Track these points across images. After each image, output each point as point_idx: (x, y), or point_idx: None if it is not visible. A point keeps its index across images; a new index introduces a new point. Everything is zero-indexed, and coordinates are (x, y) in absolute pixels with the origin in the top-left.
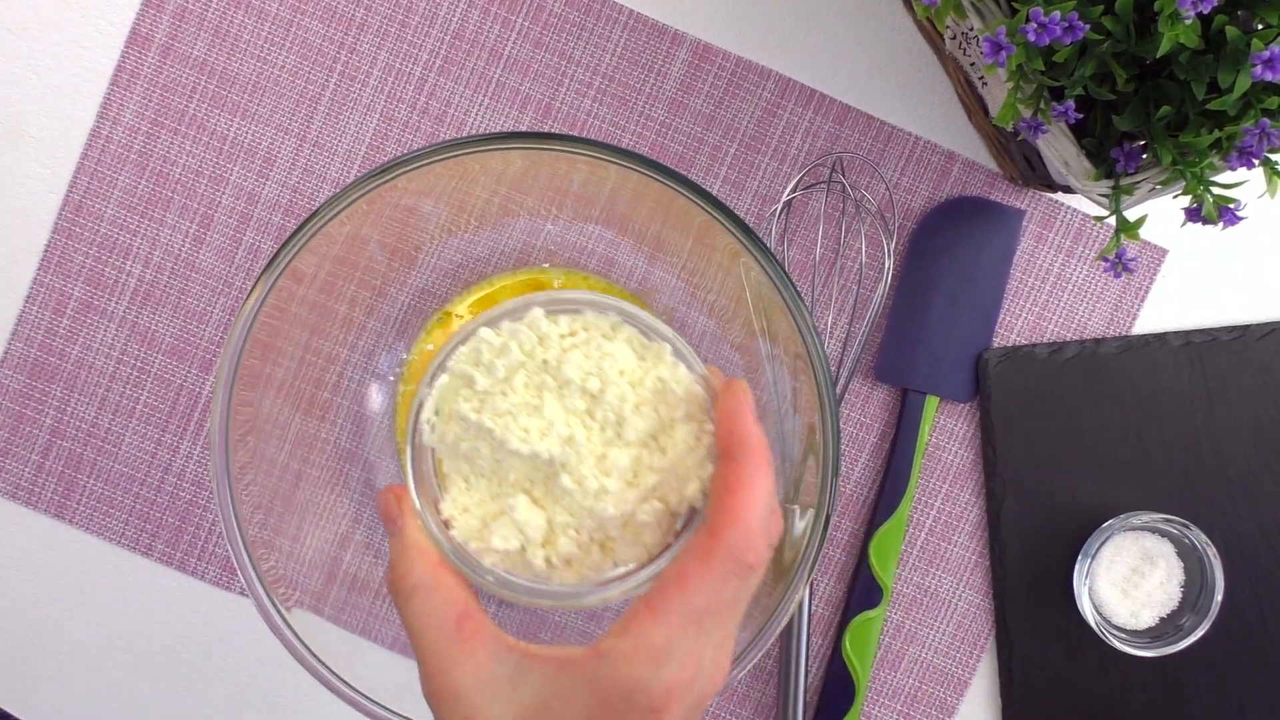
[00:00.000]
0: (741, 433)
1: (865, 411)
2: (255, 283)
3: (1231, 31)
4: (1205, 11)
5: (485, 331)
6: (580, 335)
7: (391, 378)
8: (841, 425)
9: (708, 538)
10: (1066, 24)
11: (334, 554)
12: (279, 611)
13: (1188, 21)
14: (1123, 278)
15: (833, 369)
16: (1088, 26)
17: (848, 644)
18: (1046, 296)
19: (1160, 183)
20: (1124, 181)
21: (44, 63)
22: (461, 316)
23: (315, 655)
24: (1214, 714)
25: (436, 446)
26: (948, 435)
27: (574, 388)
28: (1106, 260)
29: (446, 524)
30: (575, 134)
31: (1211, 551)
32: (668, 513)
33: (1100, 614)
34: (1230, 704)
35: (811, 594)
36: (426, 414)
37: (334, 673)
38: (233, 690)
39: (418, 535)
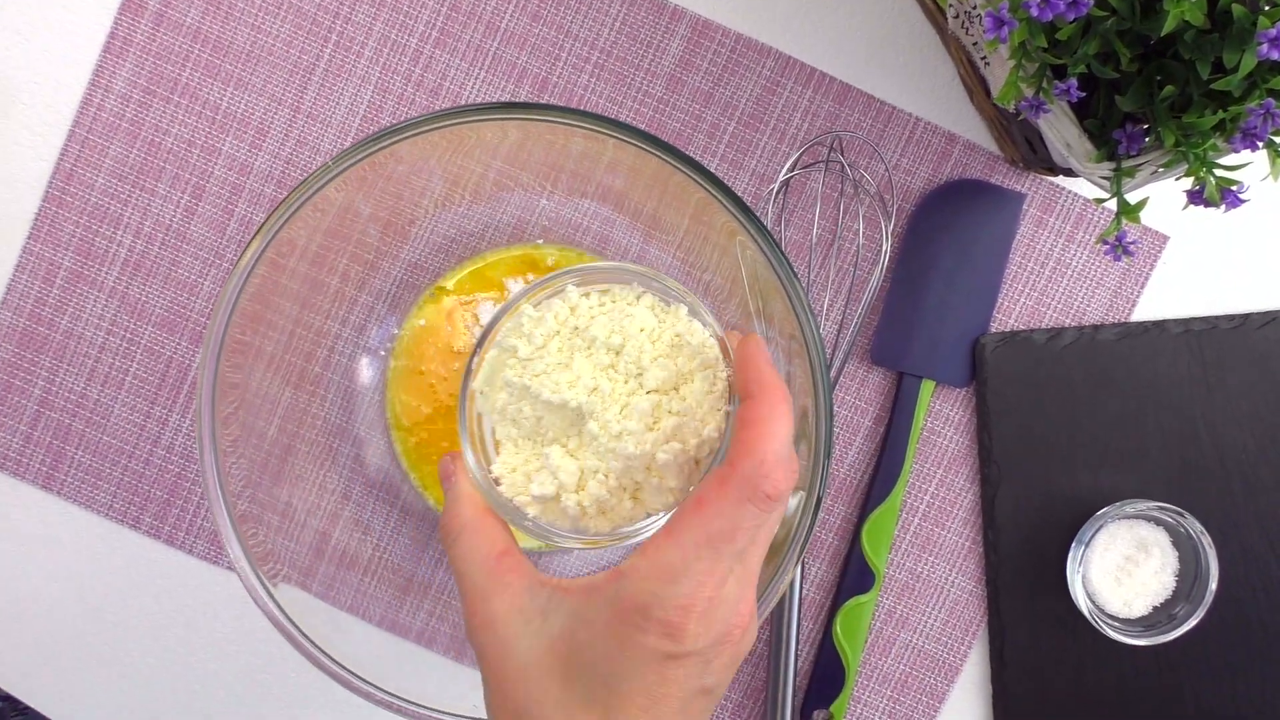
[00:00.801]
0: (759, 373)
1: (860, 395)
2: (245, 249)
3: (1238, 10)
4: None
5: (526, 307)
6: (607, 305)
7: (383, 352)
8: (836, 408)
9: (726, 467)
10: (1070, 0)
11: (323, 530)
12: (265, 587)
13: None
14: (1123, 262)
15: (828, 351)
16: (1092, 3)
17: (838, 628)
18: (1045, 281)
19: (1163, 165)
20: (1126, 163)
21: (35, 29)
22: (451, 292)
23: (301, 631)
24: (1206, 703)
25: (487, 413)
26: (943, 420)
27: (599, 345)
28: (1107, 243)
29: (496, 481)
30: (574, 107)
31: (1206, 540)
32: (687, 455)
33: (1093, 602)
34: (1223, 693)
35: (803, 577)
36: (478, 384)
37: (320, 649)
38: (220, 664)
39: (467, 486)
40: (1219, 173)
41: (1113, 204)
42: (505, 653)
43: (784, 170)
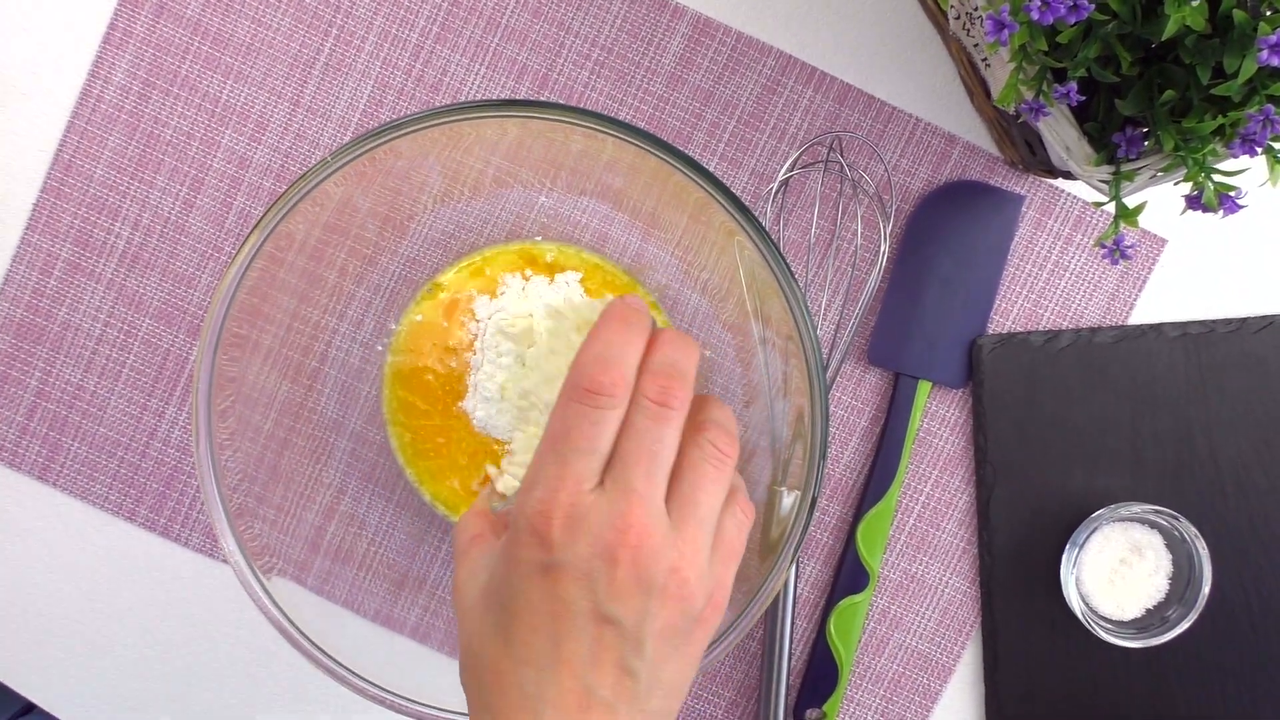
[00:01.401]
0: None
1: (857, 395)
2: (243, 243)
3: (1239, 15)
4: None
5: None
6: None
7: (380, 347)
8: (832, 408)
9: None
10: (1071, 3)
11: (318, 524)
12: (260, 580)
13: (1195, 4)
14: (1120, 265)
15: (825, 351)
16: (1093, 6)
17: (832, 628)
18: (1043, 284)
19: (1162, 169)
20: (1125, 167)
21: (35, 20)
22: (447, 288)
23: (295, 625)
24: (1198, 705)
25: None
26: (939, 421)
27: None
28: (1104, 246)
29: (502, 496)
30: (573, 105)
31: (1200, 544)
32: None
33: (1087, 604)
34: (1214, 696)
35: (797, 577)
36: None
37: (314, 643)
38: (214, 658)
39: (481, 503)
40: (1218, 178)
41: (1111, 207)
42: (461, 609)
43: (783, 170)
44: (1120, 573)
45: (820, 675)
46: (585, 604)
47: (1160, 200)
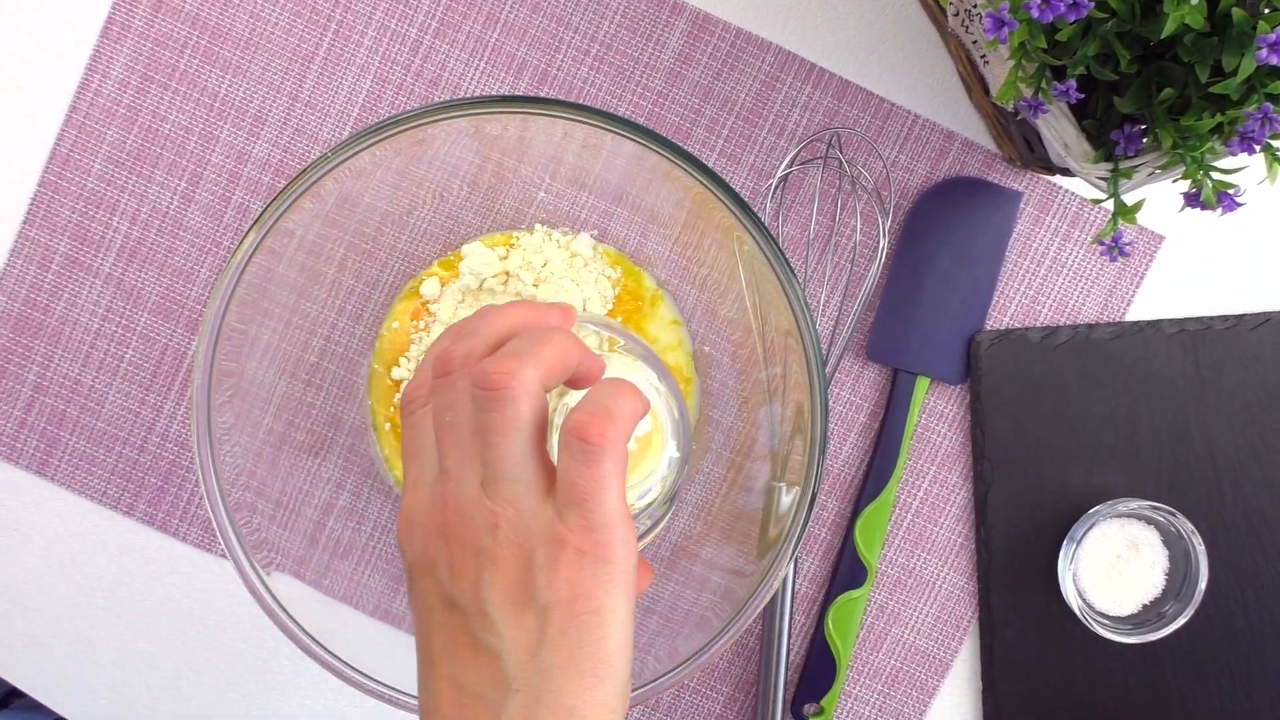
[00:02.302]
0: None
1: (855, 391)
2: (243, 238)
3: (1238, 14)
4: None
5: None
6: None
7: (370, 348)
8: (831, 404)
9: None
10: (1071, 1)
11: (317, 519)
12: (259, 575)
13: (1194, 2)
14: (1118, 262)
15: (824, 347)
16: (1092, 4)
17: (830, 623)
18: (1041, 280)
19: (1160, 166)
20: (1123, 164)
21: (33, 13)
22: (420, 295)
23: (294, 619)
24: (1194, 700)
25: None
26: (937, 417)
27: None
28: (1103, 243)
29: None
30: (573, 100)
31: (1197, 540)
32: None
33: (1084, 599)
34: (1210, 691)
35: (795, 572)
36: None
37: (313, 637)
38: (213, 652)
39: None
40: (1216, 175)
41: (1109, 204)
42: None
43: (782, 166)
44: (1117, 568)
45: (818, 670)
46: (434, 594)
47: (1158, 197)
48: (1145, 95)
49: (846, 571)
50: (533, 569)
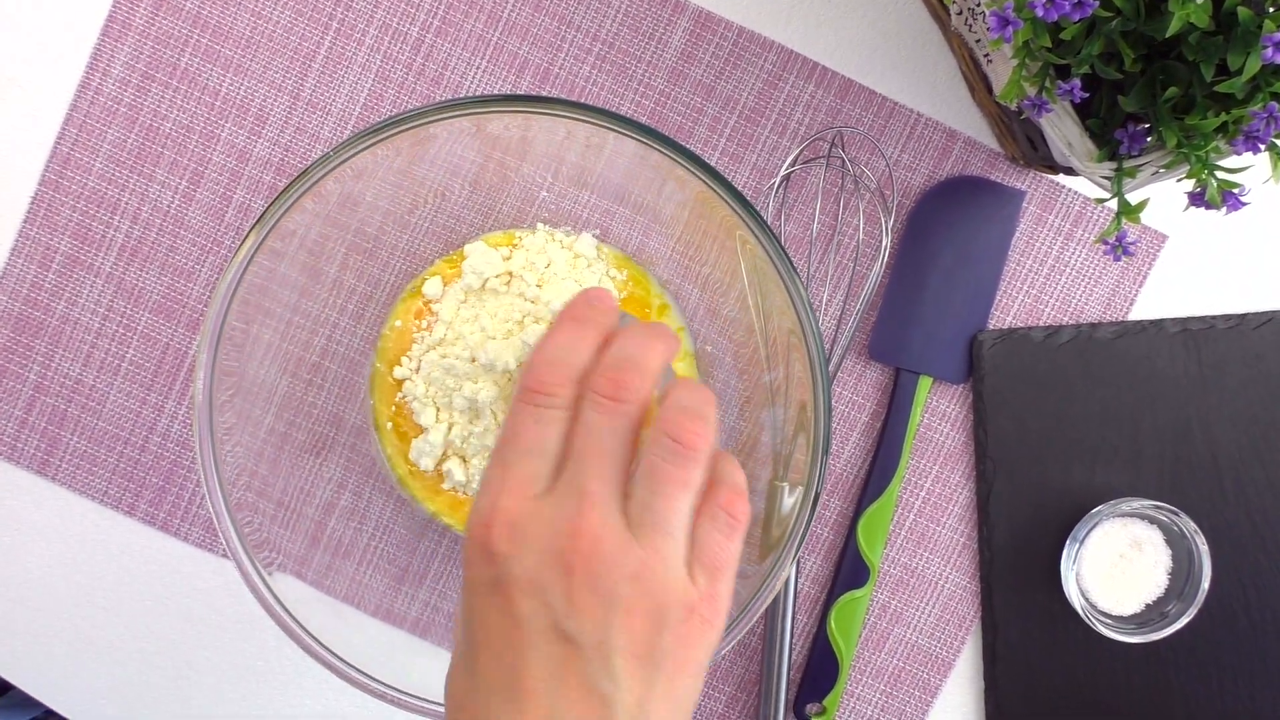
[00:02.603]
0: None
1: (858, 390)
2: (244, 238)
3: (1243, 13)
4: None
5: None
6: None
7: (372, 348)
8: (833, 403)
9: None
10: (1075, 0)
11: (318, 518)
12: (260, 575)
13: (1199, 1)
14: (1121, 262)
15: (826, 346)
16: (1097, 3)
17: (833, 623)
18: (1044, 279)
19: (1164, 166)
20: (1127, 164)
21: (33, 12)
22: (422, 294)
23: (296, 619)
24: (1197, 700)
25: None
26: (940, 416)
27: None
28: (1106, 243)
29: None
30: (575, 99)
31: (1200, 539)
32: None
33: (1086, 599)
34: (1213, 691)
35: (798, 571)
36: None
37: (314, 637)
38: (214, 652)
39: None
40: (1220, 175)
41: (1113, 203)
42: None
43: (785, 165)
44: (1120, 568)
45: (821, 670)
46: (541, 620)
47: (1162, 195)
48: (1150, 94)
49: (849, 571)
50: (662, 627)
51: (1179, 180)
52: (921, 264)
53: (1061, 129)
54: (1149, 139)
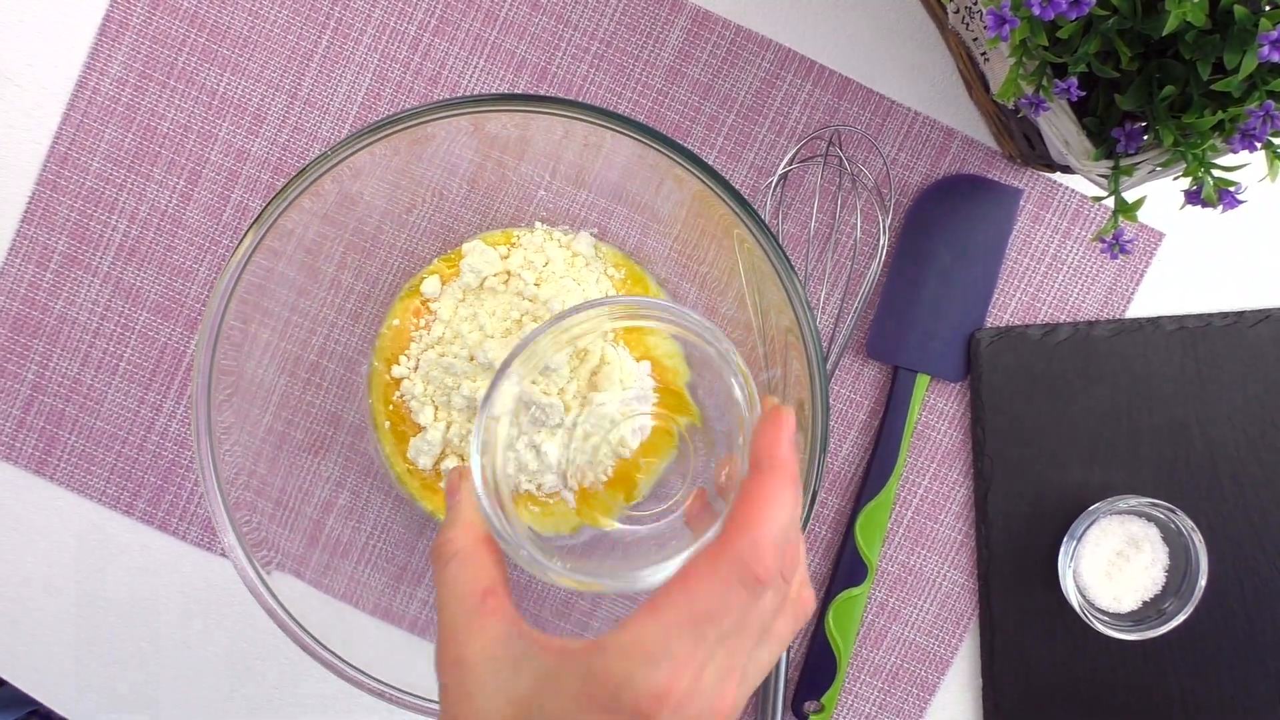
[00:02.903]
0: (775, 448)
1: (855, 388)
2: (242, 237)
3: (1239, 11)
4: None
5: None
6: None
7: (370, 347)
8: (831, 401)
9: (719, 542)
10: None
11: (317, 517)
12: (259, 574)
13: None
14: (1118, 259)
15: (824, 345)
16: (1093, 2)
17: (831, 621)
18: (1041, 277)
19: (1161, 164)
20: (1124, 162)
21: (30, 10)
22: (420, 293)
23: (294, 618)
24: (1194, 697)
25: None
26: (937, 414)
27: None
28: (1103, 241)
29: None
30: (572, 98)
31: (1197, 537)
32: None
33: (1084, 597)
34: (1210, 687)
35: None
36: (497, 410)
37: (313, 636)
38: (213, 651)
39: (469, 510)
40: (1217, 173)
41: (1110, 201)
42: (467, 696)
43: (782, 163)
44: (1117, 565)
45: (819, 668)
46: None
47: (1158, 194)
48: (1146, 93)
49: (847, 569)
50: None
51: (1176, 178)
52: (919, 262)
53: (1058, 127)
54: (1146, 137)
